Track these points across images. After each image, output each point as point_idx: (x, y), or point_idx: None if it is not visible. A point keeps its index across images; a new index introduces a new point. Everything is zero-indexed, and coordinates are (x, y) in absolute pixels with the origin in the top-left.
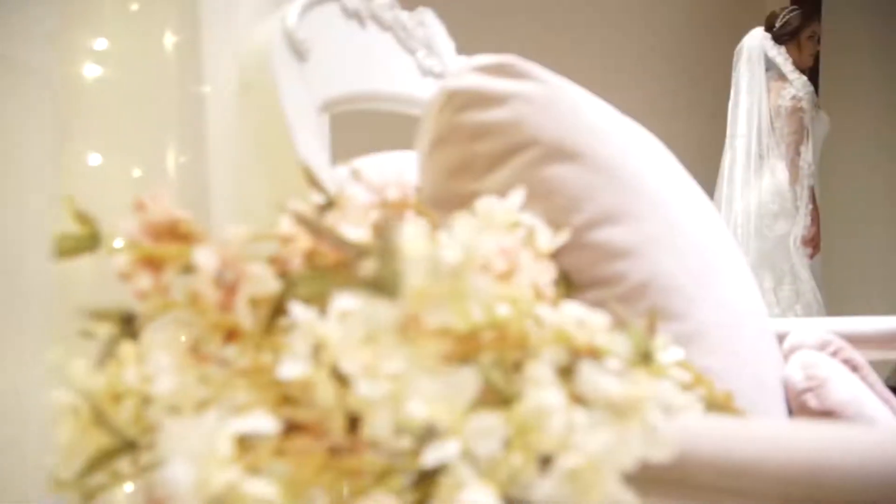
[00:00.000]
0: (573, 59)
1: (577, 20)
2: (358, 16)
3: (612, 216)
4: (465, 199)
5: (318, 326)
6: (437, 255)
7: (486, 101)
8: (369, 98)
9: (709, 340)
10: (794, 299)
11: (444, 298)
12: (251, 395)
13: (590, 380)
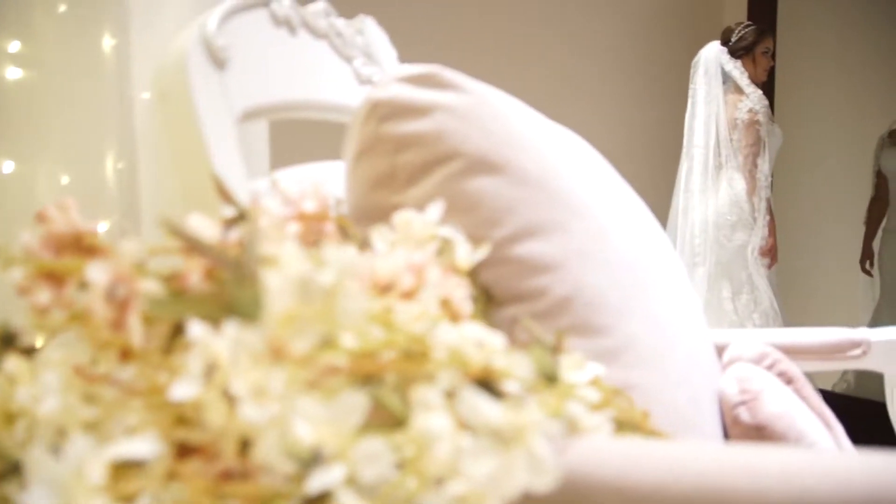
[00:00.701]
0: (530, 70)
1: (534, 31)
2: (288, 23)
3: (536, 230)
4: (388, 212)
5: (213, 346)
6: (307, 277)
7: (409, 111)
8: (299, 107)
9: (636, 355)
10: (752, 308)
11: (313, 321)
12: (144, 417)
13: (472, 406)
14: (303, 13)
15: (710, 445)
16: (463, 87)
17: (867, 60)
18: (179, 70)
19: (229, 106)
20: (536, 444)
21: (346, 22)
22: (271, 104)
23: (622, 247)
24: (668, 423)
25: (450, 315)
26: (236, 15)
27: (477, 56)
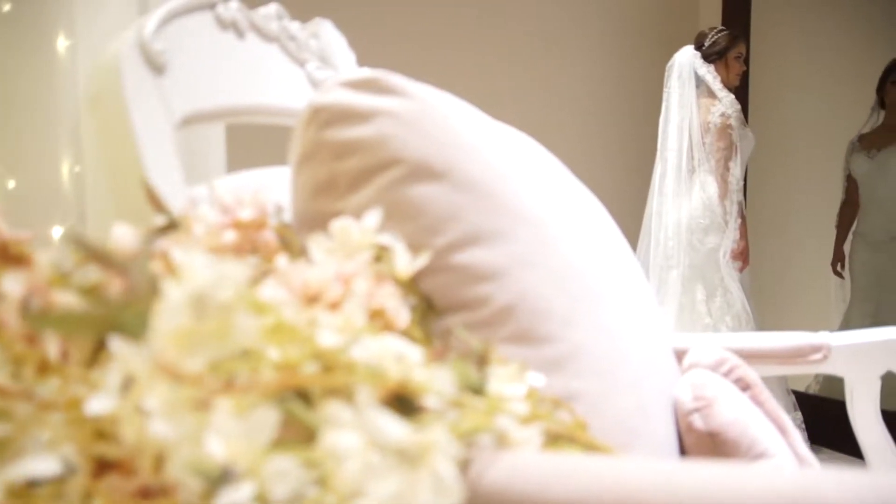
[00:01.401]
0: (505, 73)
1: (508, 35)
2: (235, 26)
3: (479, 237)
4: (330, 220)
5: (132, 360)
6: (202, 293)
7: (350, 117)
8: (247, 111)
9: (582, 364)
10: (726, 311)
11: (207, 338)
12: (62, 432)
13: (375, 425)
14: (251, 16)
15: (636, 461)
16: (407, 93)
17: (840, 66)
18: (113, 75)
19: (167, 111)
20: (441, 464)
21: (300, 25)
22: (215, 109)
23: (571, 253)
24: (614, 432)
25: (383, 325)
26: (178, 18)
27: (450, 59)
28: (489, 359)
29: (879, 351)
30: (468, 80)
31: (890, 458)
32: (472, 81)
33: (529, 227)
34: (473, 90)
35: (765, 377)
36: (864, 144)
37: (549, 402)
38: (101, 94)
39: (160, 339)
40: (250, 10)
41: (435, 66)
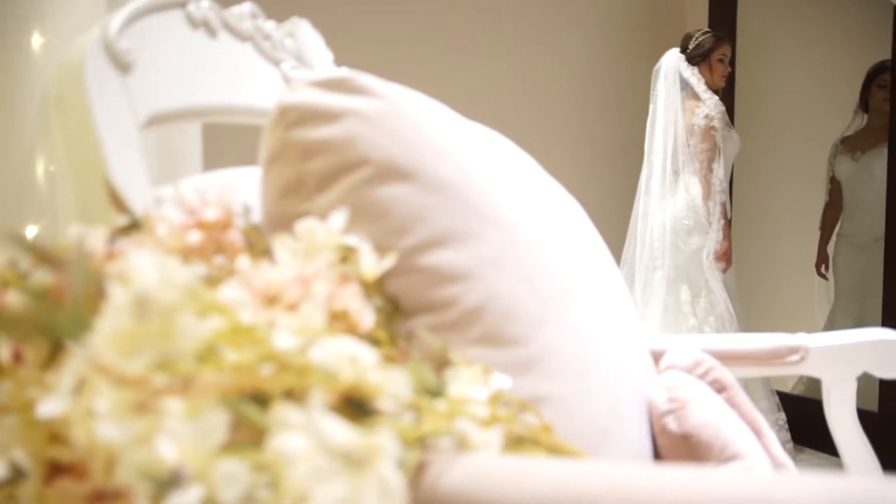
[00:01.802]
0: (493, 76)
1: (495, 37)
2: (207, 25)
3: (447, 238)
4: (298, 220)
5: (85, 363)
6: (143, 296)
7: (318, 117)
8: (218, 111)
9: (552, 366)
10: (709, 311)
11: (149, 340)
12: (14, 436)
13: (320, 429)
14: (224, 15)
15: (594, 464)
16: (376, 93)
17: (825, 68)
18: (76, 74)
19: (133, 110)
20: (386, 468)
21: (276, 24)
22: (184, 108)
23: (543, 255)
24: (584, 434)
25: (347, 327)
26: (146, 17)
27: (436, 59)
28: (452, 361)
29: (856, 352)
30: (455, 81)
31: (867, 459)
32: (459, 82)
33: (499, 228)
34: (460, 91)
35: (748, 378)
36: (847, 147)
37: (516, 404)
38: (65, 94)
39: (100, 341)
40: (223, 9)
41: (421, 66)
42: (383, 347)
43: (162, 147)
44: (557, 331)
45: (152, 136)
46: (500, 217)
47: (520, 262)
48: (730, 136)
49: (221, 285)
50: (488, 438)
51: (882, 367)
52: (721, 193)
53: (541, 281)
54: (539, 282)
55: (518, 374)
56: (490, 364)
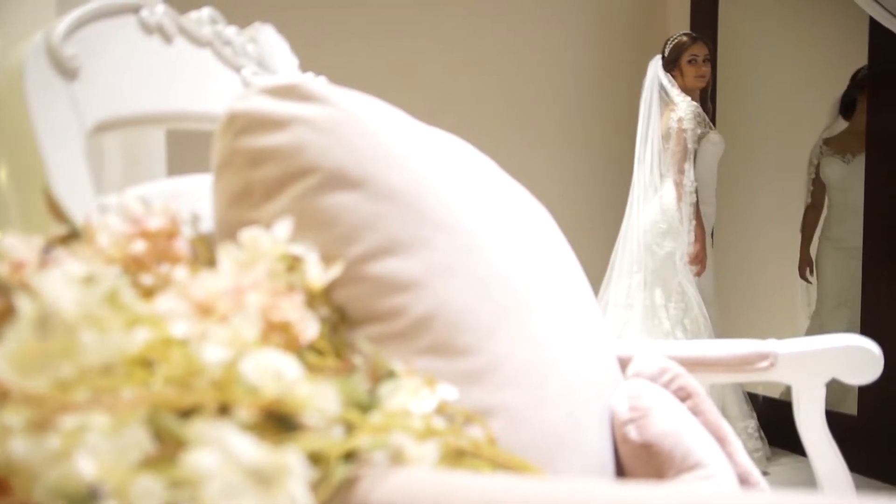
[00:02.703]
0: (476, 83)
1: (478, 43)
2: (162, 31)
3: (395, 247)
4: (246, 229)
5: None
6: (45, 312)
7: (266, 124)
8: (173, 118)
9: (505, 375)
10: (683, 315)
11: (51, 358)
12: None
13: (226, 445)
14: (180, 21)
15: (529, 480)
16: (327, 100)
17: (806, 70)
18: (17, 79)
19: (78, 117)
20: (294, 485)
21: (237, 30)
22: (135, 115)
23: (499, 262)
24: (538, 445)
25: (288, 338)
26: (95, 22)
27: (420, 67)
28: (394, 372)
29: (825, 359)
30: (438, 87)
31: (835, 465)
32: (443, 88)
33: (452, 235)
34: (443, 97)
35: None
36: (834, 148)
37: (462, 415)
38: (4, 99)
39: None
40: (181, 14)
41: (405, 73)
42: (326, 359)
43: (125, 153)
44: (512, 339)
45: (115, 142)
46: (454, 224)
47: (473, 269)
48: (708, 137)
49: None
50: (424, 452)
51: (851, 373)
52: (691, 195)
53: (495, 289)
54: (493, 290)
55: (468, 385)
56: (439, 374)
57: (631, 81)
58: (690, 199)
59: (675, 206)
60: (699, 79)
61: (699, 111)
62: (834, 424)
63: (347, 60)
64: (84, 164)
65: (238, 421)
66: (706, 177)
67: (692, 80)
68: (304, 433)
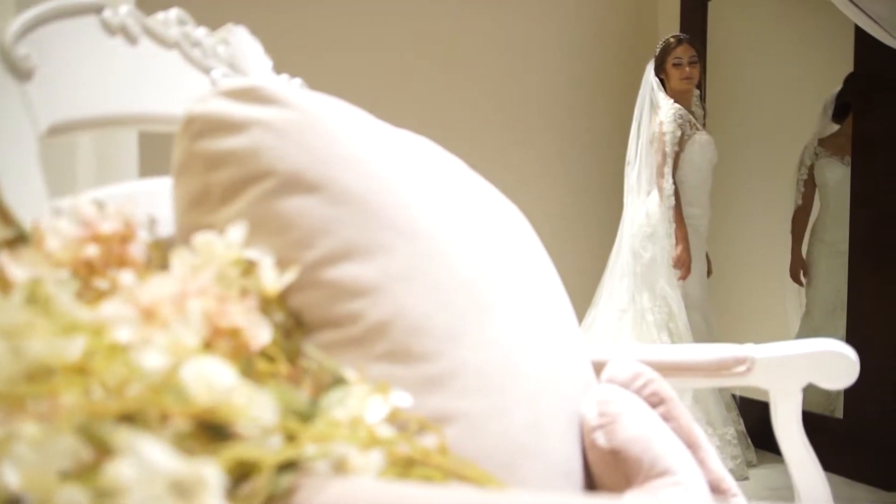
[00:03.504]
0: (464, 88)
1: (465, 48)
2: (125, 31)
3: (353, 251)
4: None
5: None
6: None
7: (224, 127)
8: (136, 119)
9: (466, 381)
10: (668, 319)
11: None
12: None
13: (141, 457)
14: (146, 22)
15: (472, 490)
16: (286, 103)
17: (795, 72)
18: None
19: (32, 119)
20: (210, 498)
21: (207, 31)
22: (94, 117)
23: (462, 266)
24: (499, 452)
25: (237, 345)
26: (53, 22)
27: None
28: (344, 379)
29: (801, 363)
30: (429, 93)
31: (811, 469)
32: (434, 94)
33: (413, 240)
34: (434, 103)
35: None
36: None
37: (416, 423)
38: None
39: None
40: (147, 15)
41: (389, 78)
42: (277, 365)
43: (97, 154)
44: (474, 345)
45: (88, 144)
46: (416, 228)
47: (435, 274)
48: (693, 139)
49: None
50: (368, 461)
51: (827, 378)
52: (669, 198)
53: (458, 293)
54: (456, 294)
55: (426, 391)
56: (396, 381)
57: (621, 83)
58: (669, 202)
59: (658, 210)
60: (684, 81)
61: (682, 113)
62: (820, 428)
63: (332, 64)
64: (37, 166)
65: (173, 430)
66: (693, 179)
67: (677, 82)
68: (238, 443)
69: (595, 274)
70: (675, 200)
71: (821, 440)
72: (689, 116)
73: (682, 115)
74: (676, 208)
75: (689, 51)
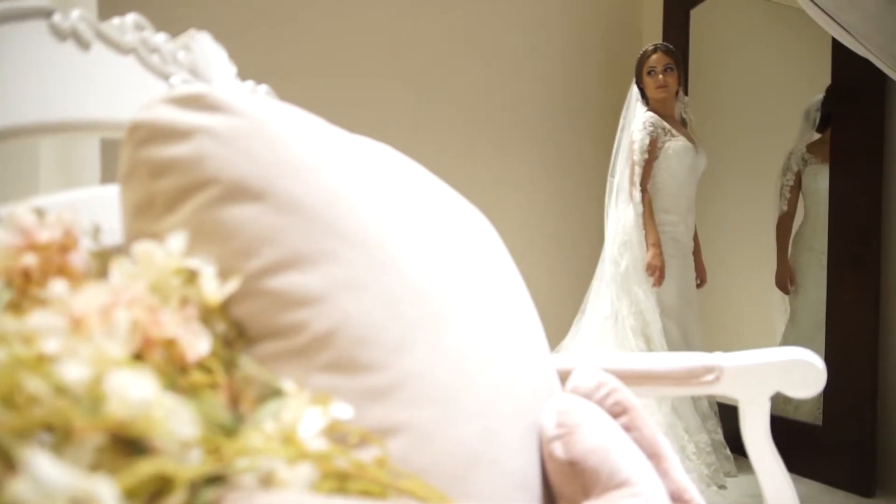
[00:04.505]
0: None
1: (449, 57)
2: (77, 36)
3: (298, 260)
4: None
5: None
6: None
7: (168, 135)
8: (87, 126)
9: (414, 391)
10: (644, 326)
11: None
12: None
13: (33, 472)
14: (100, 27)
15: None
16: (233, 110)
17: (778, 78)
18: None
19: None
20: None
21: (167, 37)
22: (44, 123)
23: (414, 275)
24: (448, 462)
25: (172, 356)
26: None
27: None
28: (281, 391)
29: (769, 372)
30: (414, 101)
31: (779, 477)
32: (419, 102)
33: (363, 248)
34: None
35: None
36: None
37: (357, 435)
38: None
39: None
40: (97, 20)
41: (367, 89)
42: (214, 376)
43: (59, 161)
44: (425, 354)
45: (48, 149)
46: (366, 236)
47: (385, 283)
48: (668, 146)
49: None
50: (297, 475)
51: (795, 386)
52: (638, 206)
53: (409, 303)
54: (407, 303)
55: (372, 402)
56: (340, 392)
57: (605, 92)
58: (637, 209)
59: (633, 217)
60: (659, 89)
61: (653, 121)
62: (800, 434)
63: (310, 73)
64: None
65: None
66: (669, 186)
67: (653, 90)
68: (154, 457)
69: (587, 280)
70: (644, 207)
71: (799, 446)
72: (662, 124)
73: (654, 122)
74: (645, 215)
75: (664, 59)
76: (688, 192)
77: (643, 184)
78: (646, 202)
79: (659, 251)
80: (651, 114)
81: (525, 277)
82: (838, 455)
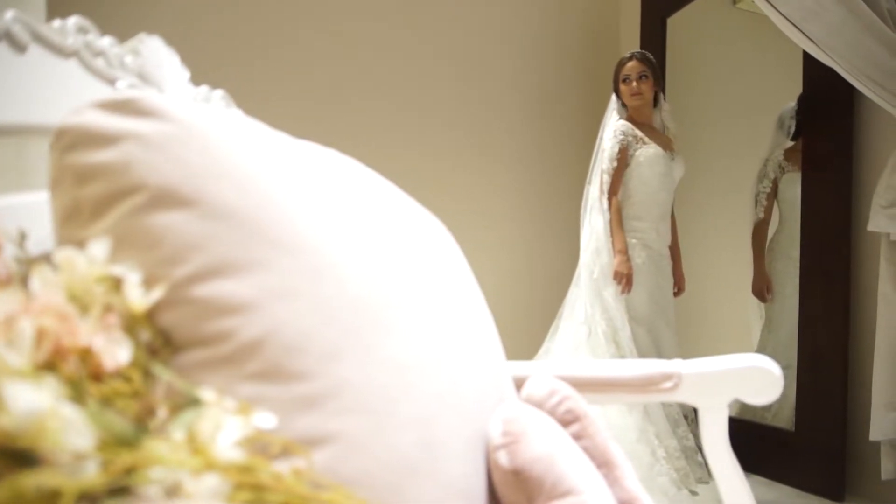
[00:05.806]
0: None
1: (421, 69)
2: (11, 38)
3: (226, 267)
4: None
5: None
6: None
7: (94, 140)
8: (22, 131)
9: (347, 400)
10: (614, 333)
11: None
12: None
13: None
14: (37, 29)
15: None
16: (163, 115)
17: (753, 86)
18: None
19: None
20: None
21: (113, 41)
22: None
23: (353, 284)
24: (384, 472)
25: (89, 366)
26: None
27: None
28: (199, 400)
29: (727, 379)
30: (388, 113)
31: (737, 484)
32: (392, 114)
33: (296, 255)
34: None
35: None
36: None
37: (279, 445)
38: None
39: None
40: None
41: (335, 93)
42: (132, 386)
43: (11, 164)
44: (359, 363)
45: (8, 155)
46: (300, 243)
47: (318, 291)
48: (639, 153)
49: None
50: (204, 487)
51: (752, 393)
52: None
53: (345, 311)
54: (342, 311)
55: (301, 411)
56: (268, 401)
57: (582, 101)
58: (605, 216)
59: (604, 225)
60: (634, 97)
61: (625, 129)
62: (774, 440)
63: (290, 78)
64: None
65: None
66: (641, 193)
67: (627, 98)
68: (41, 469)
69: (566, 287)
70: (612, 215)
71: (771, 450)
72: (634, 132)
73: (626, 130)
74: (612, 222)
75: (639, 66)
76: (660, 199)
77: (612, 191)
78: (613, 209)
79: (625, 258)
80: (623, 122)
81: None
82: (810, 460)
